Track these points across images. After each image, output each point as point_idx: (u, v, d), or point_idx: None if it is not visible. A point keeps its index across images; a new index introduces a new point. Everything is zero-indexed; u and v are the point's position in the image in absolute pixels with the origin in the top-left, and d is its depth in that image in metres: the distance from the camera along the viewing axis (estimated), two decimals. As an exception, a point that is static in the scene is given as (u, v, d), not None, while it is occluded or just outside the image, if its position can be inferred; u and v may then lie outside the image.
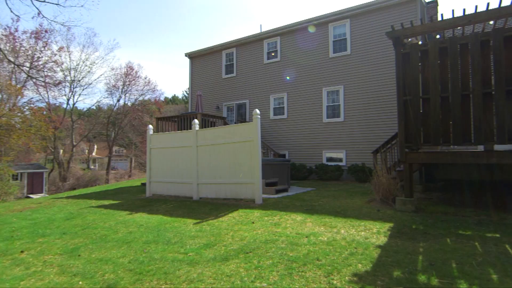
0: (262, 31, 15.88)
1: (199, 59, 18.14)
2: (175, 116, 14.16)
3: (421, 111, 6.11)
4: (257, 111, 7.35)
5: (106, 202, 8.87)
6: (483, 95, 5.50)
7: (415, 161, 6.21)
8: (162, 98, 43.01)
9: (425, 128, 6.05)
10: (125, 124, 36.60)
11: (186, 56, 18.49)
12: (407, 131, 6.17)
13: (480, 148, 5.82)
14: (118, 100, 36.00)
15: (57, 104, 34.10)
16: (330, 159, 13.08)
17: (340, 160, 12.79)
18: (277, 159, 10.80)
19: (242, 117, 16.02)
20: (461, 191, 7.75)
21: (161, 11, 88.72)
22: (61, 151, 34.47)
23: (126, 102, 36.48)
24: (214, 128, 8.87)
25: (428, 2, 12.47)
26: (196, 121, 8.72)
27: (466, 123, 5.65)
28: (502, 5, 5.38)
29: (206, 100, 17.11)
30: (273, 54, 15.16)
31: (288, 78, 14.11)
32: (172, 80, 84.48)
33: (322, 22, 13.57)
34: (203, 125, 12.76)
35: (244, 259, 3.72)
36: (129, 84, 35.50)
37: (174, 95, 58.02)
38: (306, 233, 4.62)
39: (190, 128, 9.83)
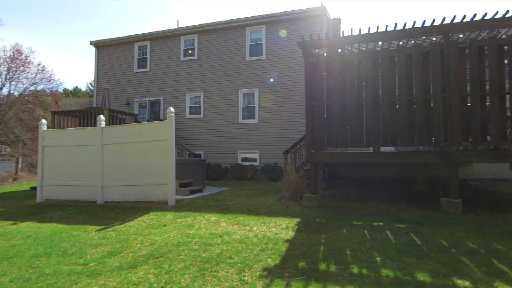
0: (179, 26, 15.39)
1: (108, 49, 16.53)
2: (77, 111, 12.54)
3: (325, 116, 6.80)
4: (172, 109, 7.08)
5: (-20, 211, 7.31)
6: (373, 105, 6.42)
7: (319, 161, 6.87)
8: (60, 90, 37.43)
9: (328, 131, 6.76)
10: (10, 118, 30.66)
11: (91, 44, 16.62)
12: (313, 134, 6.78)
13: (371, 149, 6.79)
14: (1, 89, 30.05)
15: None
16: (245, 159, 13.46)
17: (255, 160, 13.28)
18: (192, 159, 10.59)
19: (155, 114, 15.22)
20: (357, 187, 8.89)
21: (61, -10, 77.71)
22: None
23: (11, 92, 30.60)
24: (123, 125, 8.20)
25: (333, 19, 13.98)
26: (102, 117, 7.91)
27: (360, 128, 6.51)
28: (388, 29, 6.39)
29: (115, 95, 15.70)
30: (190, 51, 14.82)
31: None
32: (74, 70, 74.99)
33: (240, 25, 13.88)
34: (110, 121, 11.66)
35: (154, 264, 3.53)
36: (16, 71, 29.82)
37: (76, 87, 51.33)
38: (219, 233, 4.64)
39: (95, 125, 8.87)
